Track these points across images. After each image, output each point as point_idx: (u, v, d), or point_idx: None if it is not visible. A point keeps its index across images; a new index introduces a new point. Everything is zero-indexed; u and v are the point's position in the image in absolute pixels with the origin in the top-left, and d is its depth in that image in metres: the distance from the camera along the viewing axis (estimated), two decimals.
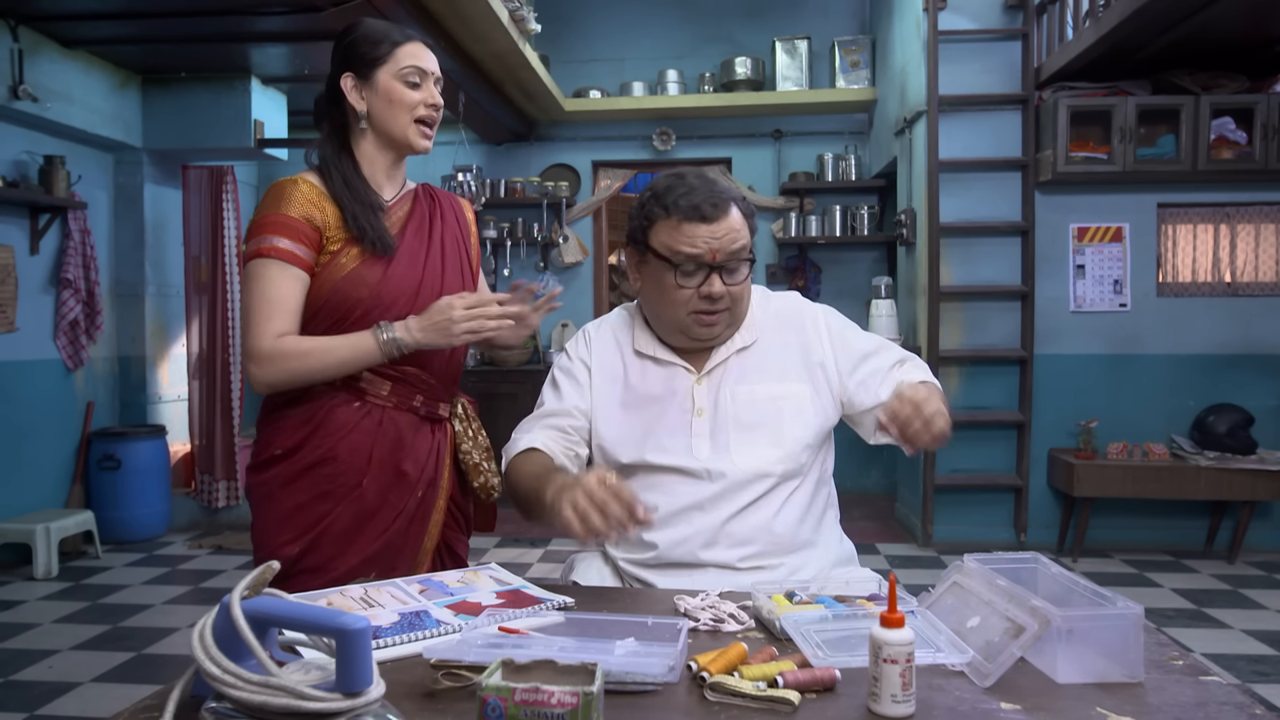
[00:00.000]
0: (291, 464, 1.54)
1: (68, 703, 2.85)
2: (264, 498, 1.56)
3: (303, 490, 1.53)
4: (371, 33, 1.60)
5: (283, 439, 1.55)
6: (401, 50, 1.58)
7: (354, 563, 1.54)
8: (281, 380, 1.50)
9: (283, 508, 1.53)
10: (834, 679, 0.96)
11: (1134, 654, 0.97)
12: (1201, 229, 4.80)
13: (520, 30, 4.59)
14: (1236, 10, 3.74)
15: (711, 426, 1.51)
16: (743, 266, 1.48)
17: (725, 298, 1.47)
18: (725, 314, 1.50)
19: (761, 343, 1.57)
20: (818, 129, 6.23)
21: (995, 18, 4.84)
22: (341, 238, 1.55)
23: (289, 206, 1.52)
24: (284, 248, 1.50)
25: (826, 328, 1.59)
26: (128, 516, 4.92)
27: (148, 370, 5.32)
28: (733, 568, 1.46)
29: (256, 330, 1.48)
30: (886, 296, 5.40)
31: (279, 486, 1.54)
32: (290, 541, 1.52)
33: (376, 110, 1.58)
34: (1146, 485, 4.44)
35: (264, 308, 1.49)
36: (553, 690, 0.79)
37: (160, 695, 0.91)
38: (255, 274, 1.51)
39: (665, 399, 1.53)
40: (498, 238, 6.24)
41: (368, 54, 1.58)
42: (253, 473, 1.58)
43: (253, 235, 1.52)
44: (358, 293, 1.53)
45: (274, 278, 1.49)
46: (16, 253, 4.53)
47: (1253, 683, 3.00)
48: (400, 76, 1.58)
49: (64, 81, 4.55)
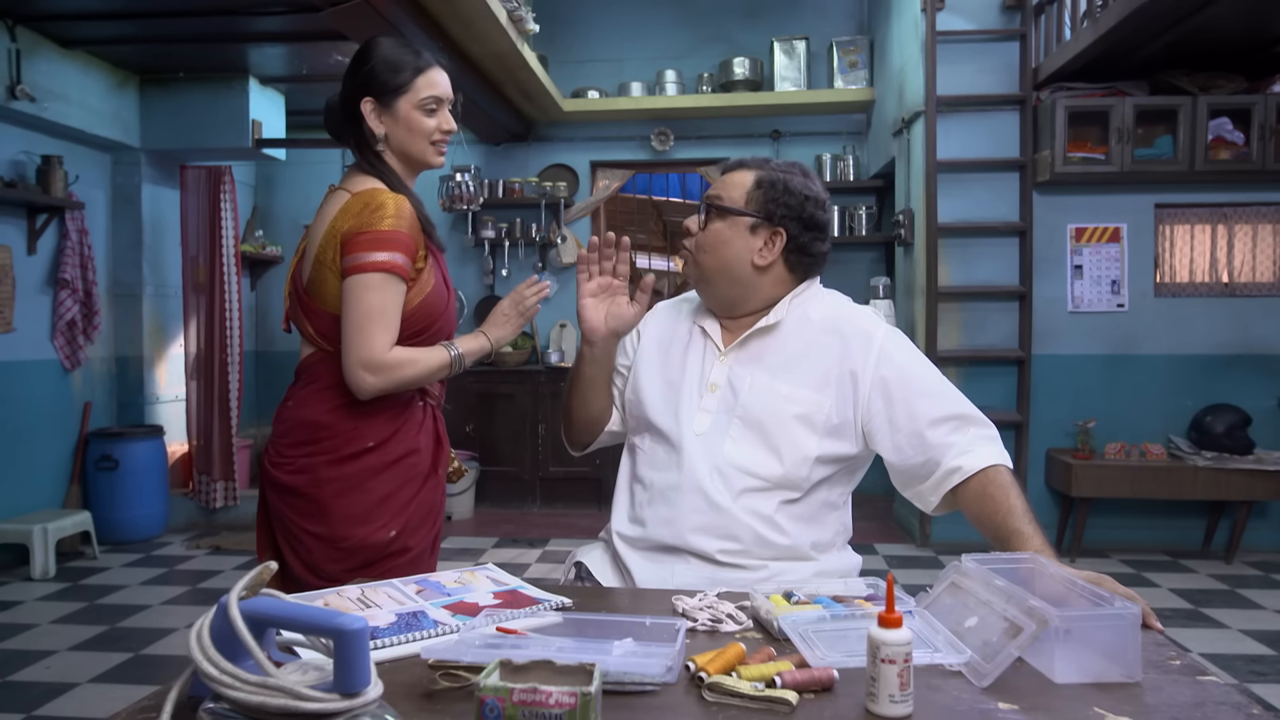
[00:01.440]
0: (382, 455, 1.66)
1: (65, 703, 2.85)
2: (352, 488, 1.65)
3: (392, 479, 1.67)
4: (392, 59, 1.66)
5: (373, 433, 1.66)
6: (421, 79, 1.67)
7: (429, 539, 1.75)
8: (388, 387, 1.61)
9: (375, 496, 1.65)
10: (832, 679, 0.96)
11: (1132, 654, 0.97)
12: (1199, 229, 4.81)
13: (518, 30, 4.59)
14: (1234, 11, 3.74)
15: (719, 405, 1.52)
16: (713, 218, 1.55)
17: (693, 239, 1.57)
18: (689, 254, 1.58)
19: (792, 335, 1.54)
20: (816, 129, 6.23)
21: (993, 18, 4.84)
22: (424, 255, 1.67)
23: (396, 221, 1.60)
24: (402, 264, 1.60)
25: (880, 347, 1.49)
26: (125, 517, 4.91)
27: (145, 370, 5.31)
28: (713, 560, 1.45)
29: (374, 342, 1.57)
30: (885, 297, 5.40)
31: (369, 476, 1.65)
32: (385, 525, 1.65)
33: (395, 135, 1.68)
34: (1144, 485, 4.45)
35: (381, 320, 1.58)
36: (551, 690, 0.79)
37: (158, 696, 0.91)
38: (373, 286, 1.57)
39: (689, 370, 1.58)
40: (496, 238, 6.23)
41: (389, 82, 1.65)
42: (334, 465, 1.64)
43: (367, 248, 1.57)
44: (438, 309, 1.70)
45: (390, 292, 1.59)
46: (14, 253, 4.52)
47: (1250, 682, 3.01)
48: (420, 106, 1.68)
49: (62, 81, 4.54)
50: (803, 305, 1.56)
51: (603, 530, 1.63)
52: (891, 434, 1.46)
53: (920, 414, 1.44)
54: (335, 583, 1.51)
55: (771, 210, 1.51)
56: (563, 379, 5.83)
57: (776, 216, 1.51)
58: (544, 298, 1.77)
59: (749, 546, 1.46)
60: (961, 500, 1.41)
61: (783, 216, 1.51)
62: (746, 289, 1.54)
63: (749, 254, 1.52)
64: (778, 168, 1.55)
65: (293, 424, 1.67)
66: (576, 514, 5.68)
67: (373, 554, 1.64)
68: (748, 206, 1.52)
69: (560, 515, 5.68)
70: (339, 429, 1.64)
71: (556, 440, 5.76)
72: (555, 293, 6.42)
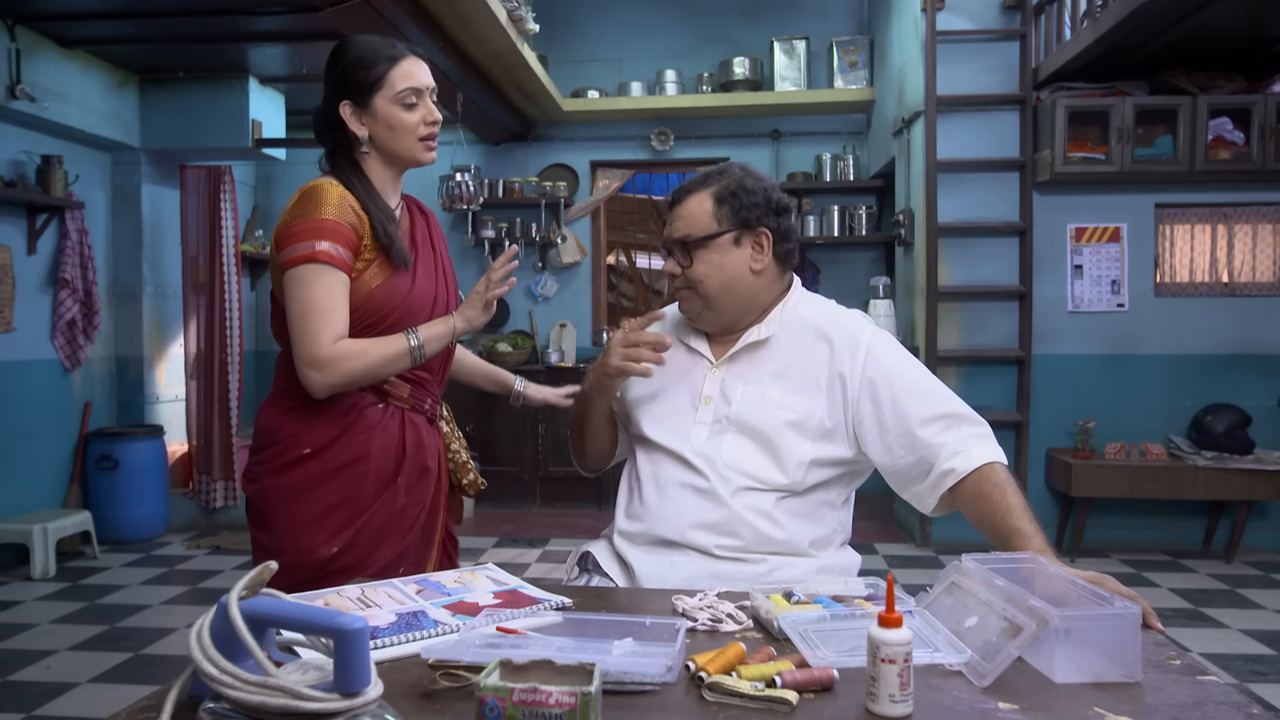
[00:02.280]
0: (322, 463, 1.55)
1: (65, 703, 2.85)
2: (292, 499, 1.55)
3: (336, 490, 1.55)
4: (363, 56, 1.57)
5: (312, 438, 1.55)
6: (395, 72, 1.57)
7: (389, 557, 1.58)
8: (341, 382, 1.50)
9: (316, 508, 1.54)
10: (832, 679, 0.96)
11: (1131, 654, 0.97)
12: (1199, 229, 4.81)
13: (518, 30, 4.59)
14: (1234, 11, 3.74)
15: (714, 416, 1.53)
16: (695, 251, 1.53)
17: (681, 278, 1.55)
18: (688, 292, 1.56)
19: (782, 344, 1.55)
20: (816, 129, 6.23)
21: (993, 18, 4.84)
22: (373, 246, 1.56)
23: (330, 210, 1.51)
24: (332, 252, 1.49)
25: (868, 349, 1.50)
26: (125, 517, 4.91)
27: (145, 370, 5.31)
28: (711, 554, 1.47)
29: (316, 337, 1.47)
30: (885, 297, 5.40)
31: (309, 487, 1.54)
32: (327, 541, 1.54)
33: (379, 135, 1.59)
34: (1144, 485, 4.45)
35: (321, 314, 1.48)
36: (551, 690, 0.79)
37: (158, 696, 0.91)
38: (306, 279, 1.49)
39: (681, 382, 1.58)
40: (496, 238, 6.23)
41: (362, 80, 1.56)
42: (275, 474, 1.56)
43: (297, 239, 1.50)
44: (393, 301, 1.57)
45: (326, 283, 1.49)
46: (14, 253, 4.52)
47: (1250, 682, 3.01)
48: (398, 100, 1.57)
49: (61, 81, 4.54)
50: (791, 311, 1.58)
51: (605, 529, 1.65)
52: (881, 435, 1.47)
53: (909, 414, 1.45)
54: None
55: (746, 216, 1.52)
56: (562, 379, 5.83)
57: (753, 220, 1.53)
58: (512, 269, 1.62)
59: (747, 542, 1.47)
60: (959, 500, 1.41)
61: (758, 217, 1.53)
62: (749, 299, 1.56)
63: (744, 264, 1.53)
64: (721, 175, 1.55)
65: (255, 429, 1.63)
66: (576, 514, 5.68)
67: (311, 572, 1.51)
68: (722, 226, 1.52)
69: (560, 515, 5.68)
70: (282, 434, 1.56)
71: (556, 440, 5.76)
72: (555, 292, 6.43)
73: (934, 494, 1.44)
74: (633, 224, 9.02)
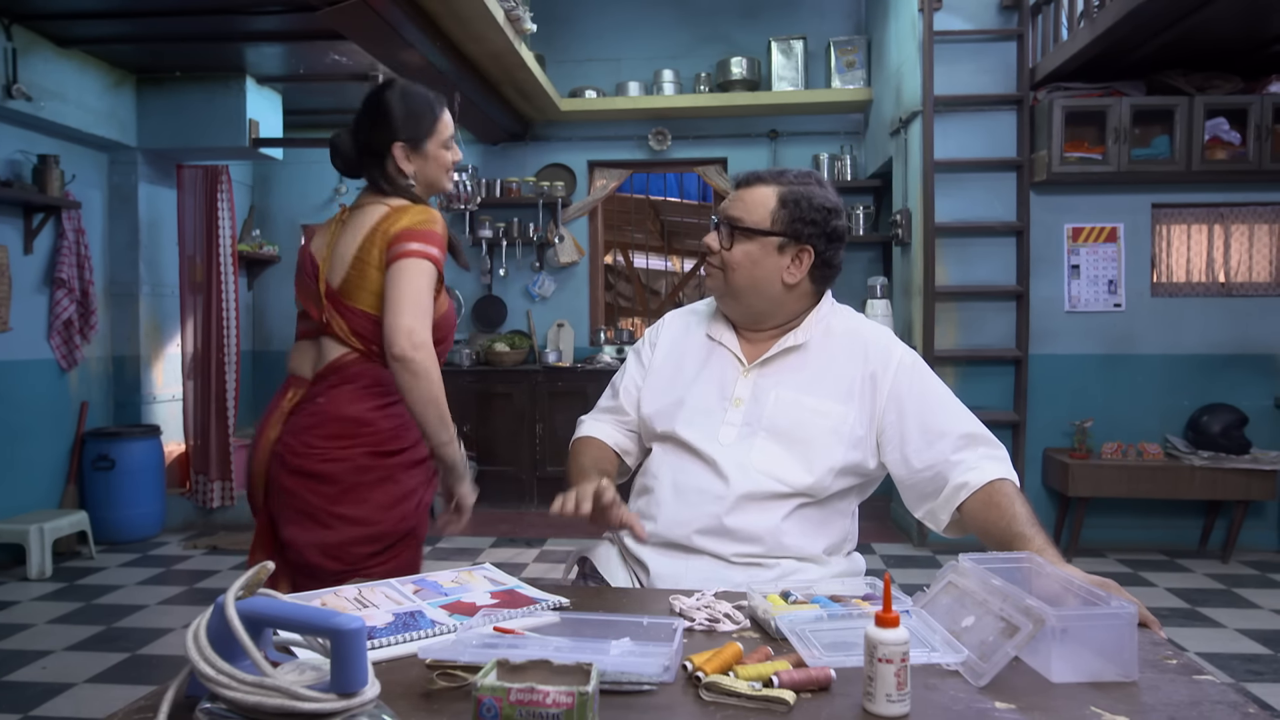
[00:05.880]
0: (412, 454, 1.82)
1: (62, 704, 2.84)
2: (385, 479, 1.77)
3: (416, 475, 1.83)
4: (416, 106, 1.83)
5: (409, 435, 1.81)
6: (441, 121, 1.86)
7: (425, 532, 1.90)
8: (417, 366, 1.67)
9: (403, 488, 1.80)
10: (829, 679, 0.96)
11: (1128, 653, 0.98)
12: (1196, 229, 4.82)
13: (516, 30, 4.59)
14: (1231, 11, 3.75)
15: (744, 419, 1.52)
16: (739, 238, 1.53)
17: (717, 256, 1.56)
18: (717, 271, 1.57)
19: (816, 350, 1.56)
20: (813, 129, 6.24)
21: (990, 18, 4.85)
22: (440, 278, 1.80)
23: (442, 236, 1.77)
24: (441, 267, 1.76)
25: (899, 363, 1.54)
26: (122, 517, 4.90)
27: (142, 370, 5.31)
28: (726, 560, 1.46)
29: (424, 323, 1.68)
30: (882, 296, 5.41)
31: (402, 470, 1.80)
32: (408, 515, 1.81)
33: (423, 171, 1.86)
34: (1141, 485, 4.45)
35: (427, 306, 1.70)
36: (548, 690, 0.79)
37: (155, 696, 0.91)
38: (423, 273, 1.70)
39: (711, 381, 1.58)
40: (493, 238, 6.23)
41: (418, 126, 1.83)
42: (378, 457, 1.76)
43: (426, 239, 1.72)
44: (448, 323, 1.86)
45: (433, 286, 1.73)
46: (10, 252, 4.51)
47: (1247, 682, 3.01)
48: (443, 144, 1.87)
49: (58, 80, 4.53)
50: (824, 321, 1.59)
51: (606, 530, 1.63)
52: (901, 446, 1.49)
53: (931, 430, 1.48)
54: (353, 567, 1.72)
55: (799, 229, 1.52)
56: (561, 378, 5.84)
57: (804, 235, 1.52)
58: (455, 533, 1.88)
59: (762, 549, 1.47)
60: (967, 514, 1.43)
61: (810, 235, 1.52)
62: (774, 305, 1.56)
63: (778, 272, 1.53)
64: (797, 180, 1.55)
65: (327, 418, 1.75)
66: None
67: (392, 539, 1.79)
68: (774, 227, 1.52)
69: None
70: (381, 426, 1.78)
71: (554, 440, 5.76)
72: (552, 292, 6.43)
73: (947, 510, 1.46)
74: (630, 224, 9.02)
